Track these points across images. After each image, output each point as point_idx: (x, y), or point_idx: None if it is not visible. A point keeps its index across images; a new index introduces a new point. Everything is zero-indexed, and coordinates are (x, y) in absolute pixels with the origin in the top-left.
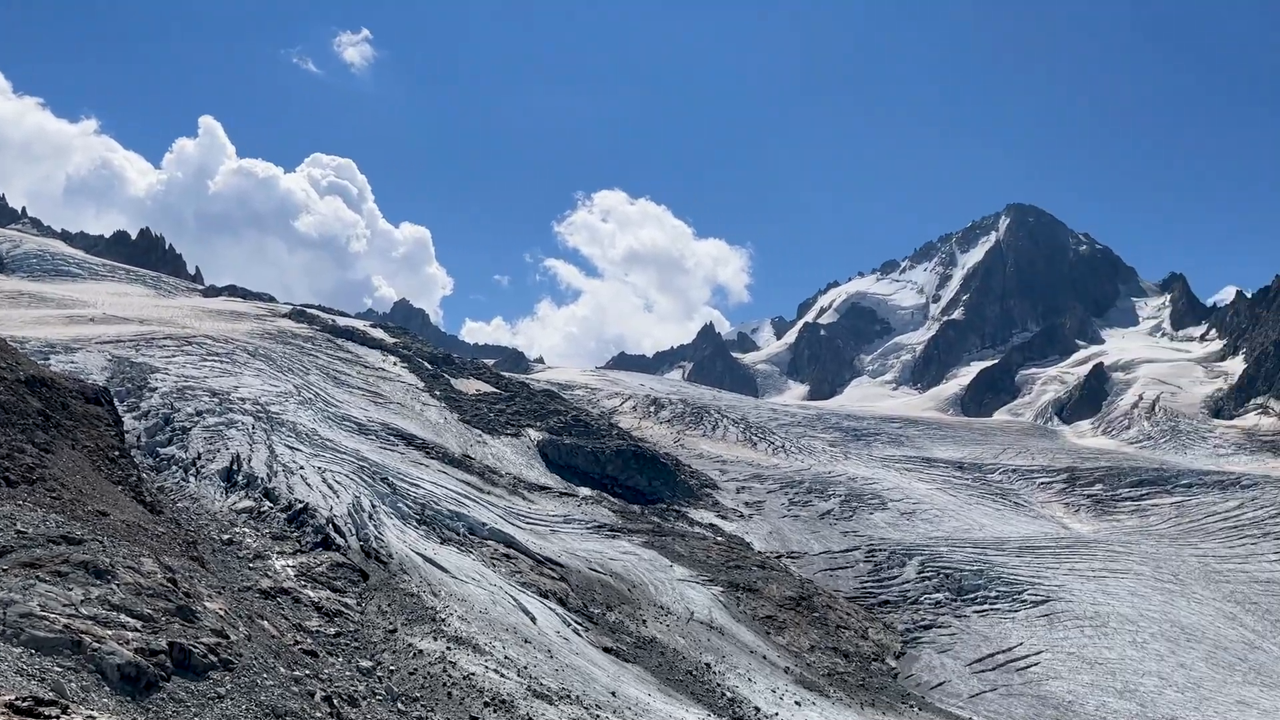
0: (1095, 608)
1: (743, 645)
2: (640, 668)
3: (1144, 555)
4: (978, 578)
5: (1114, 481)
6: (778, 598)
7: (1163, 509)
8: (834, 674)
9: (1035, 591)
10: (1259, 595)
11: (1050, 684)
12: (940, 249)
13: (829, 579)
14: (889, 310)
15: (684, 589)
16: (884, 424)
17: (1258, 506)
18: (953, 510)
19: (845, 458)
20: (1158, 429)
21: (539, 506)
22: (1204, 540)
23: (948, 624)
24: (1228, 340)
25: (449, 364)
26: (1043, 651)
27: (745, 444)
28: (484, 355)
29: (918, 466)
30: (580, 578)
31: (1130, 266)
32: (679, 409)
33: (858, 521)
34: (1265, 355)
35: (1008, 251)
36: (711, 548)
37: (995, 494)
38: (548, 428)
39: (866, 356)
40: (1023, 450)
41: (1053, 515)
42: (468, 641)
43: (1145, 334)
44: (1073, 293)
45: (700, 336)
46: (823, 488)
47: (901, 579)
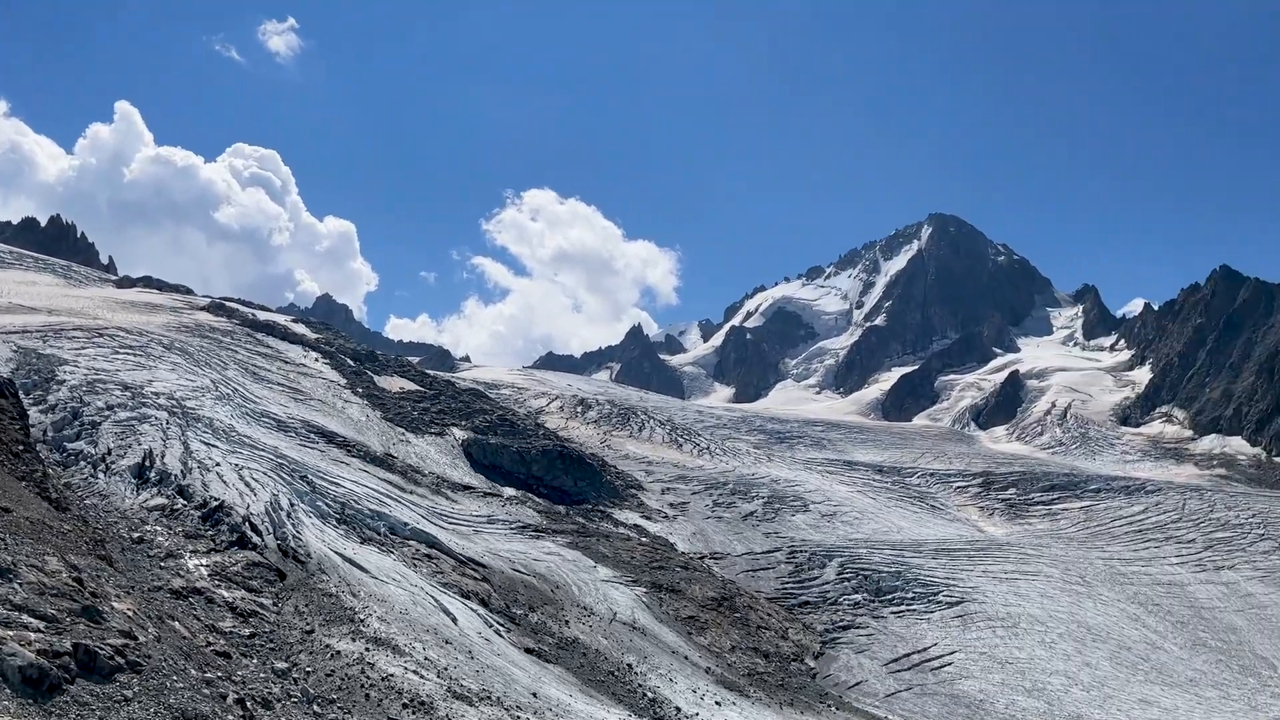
0: (1007, 609)
1: (665, 646)
2: (562, 668)
3: (1054, 558)
4: (895, 579)
5: (1027, 486)
6: (700, 598)
7: (1072, 513)
8: (754, 674)
9: (950, 593)
10: (1161, 597)
11: (963, 683)
12: (864, 256)
13: (751, 580)
14: (814, 315)
15: (608, 590)
16: (807, 427)
17: (1161, 511)
18: (872, 513)
19: (769, 460)
20: (1069, 435)
21: (462, 506)
22: (1110, 544)
23: (866, 624)
24: (1135, 351)
25: (372, 361)
26: (956, 651)
27: (671, 445)
28: (409, 353)
29: (839, 469)
30: (503, 578)
31: (1046, 277)
32: (606, 410)
33: (780, 523)
34: (1170, 366)
35: (929, 260)
36: (636, 548)
37: (913, 497)
38: (473, 427)
39: (791, 360)
40: (941, 454)
41: (968, 519)
42: (387, 642)
43: (1059, 343)
44: (991, 302)
45: (628, 338)
46: (746, 489)
47: (822, 580)
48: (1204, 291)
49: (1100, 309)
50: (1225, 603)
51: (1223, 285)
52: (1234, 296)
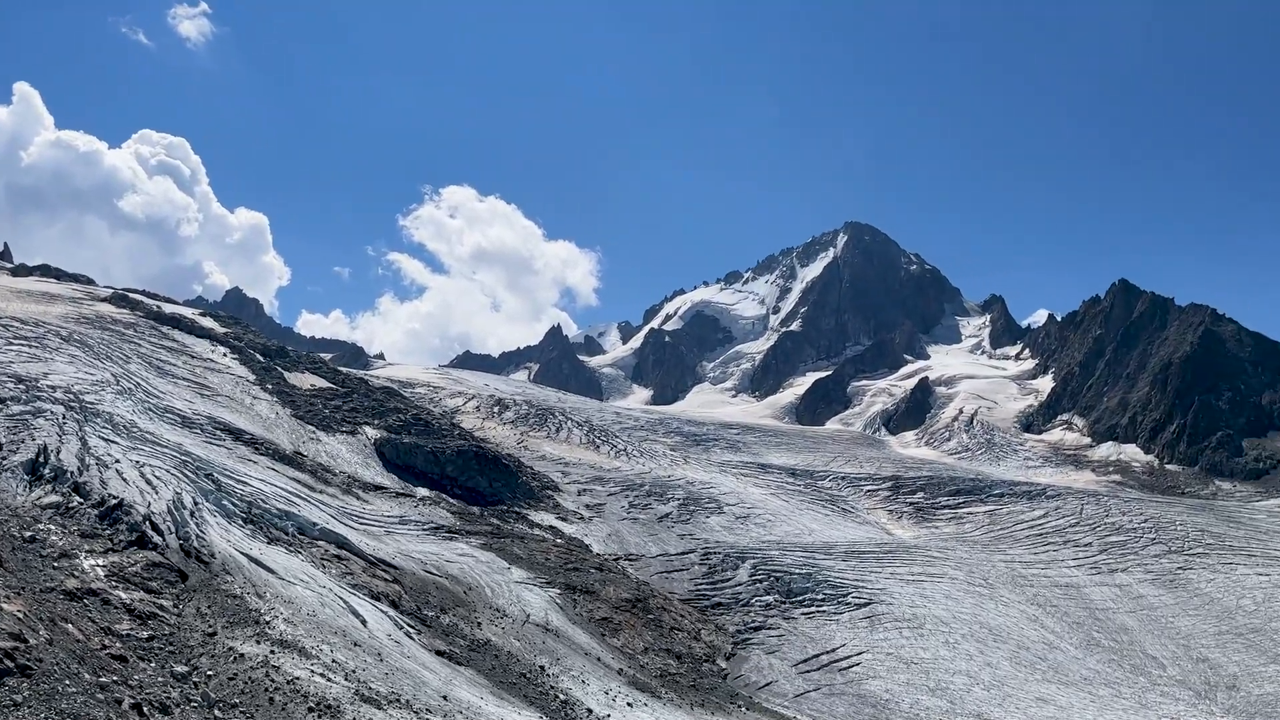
0: (913, 610)
1: (578, 647)
2: (473, 671)
3: (959, 560)
4: (806, 581)
5: (934, 490)
6: (614, 600)
7: (977, 517)
8: (666, 675)
9: (859, 594)
10: (1059, 599)
11: (869, 683)
12: (782, 262)
13: (665, 581)
14: (731, 319)
15: (521, 591)
16: (723, 430)
17: (1060, 515)
18: (785, 515)
19: (685, 462)
20: (975, 441)
21: (374, 507)
22: (1012, 547)
23: (776, 626)
24: (1039, 360)
25: (283, 357)
26: (864, 652)
27: (588, 447)
28: (321, 349)
29: (753, 472)
30: (415, 579)
31: (955, 287)
32: (523, 410)
33: (694, 525)
34: (1071, 375)
35: (844, 268)
36: (550, 550)
37: (825, 500)
38: (386, 426)
39: (709, 364)
40: (852, 458)
41: (877, 521)
42: (293, 645)
43: (967, 351)
44: (903, 310)
45: (547, 338)
46: (662, 491)
47: (734, 582)
48: (1103, 304)
49: (1007, 319)
50: (1118, 604)
51: (1121, 298)
52: (1131, 309)
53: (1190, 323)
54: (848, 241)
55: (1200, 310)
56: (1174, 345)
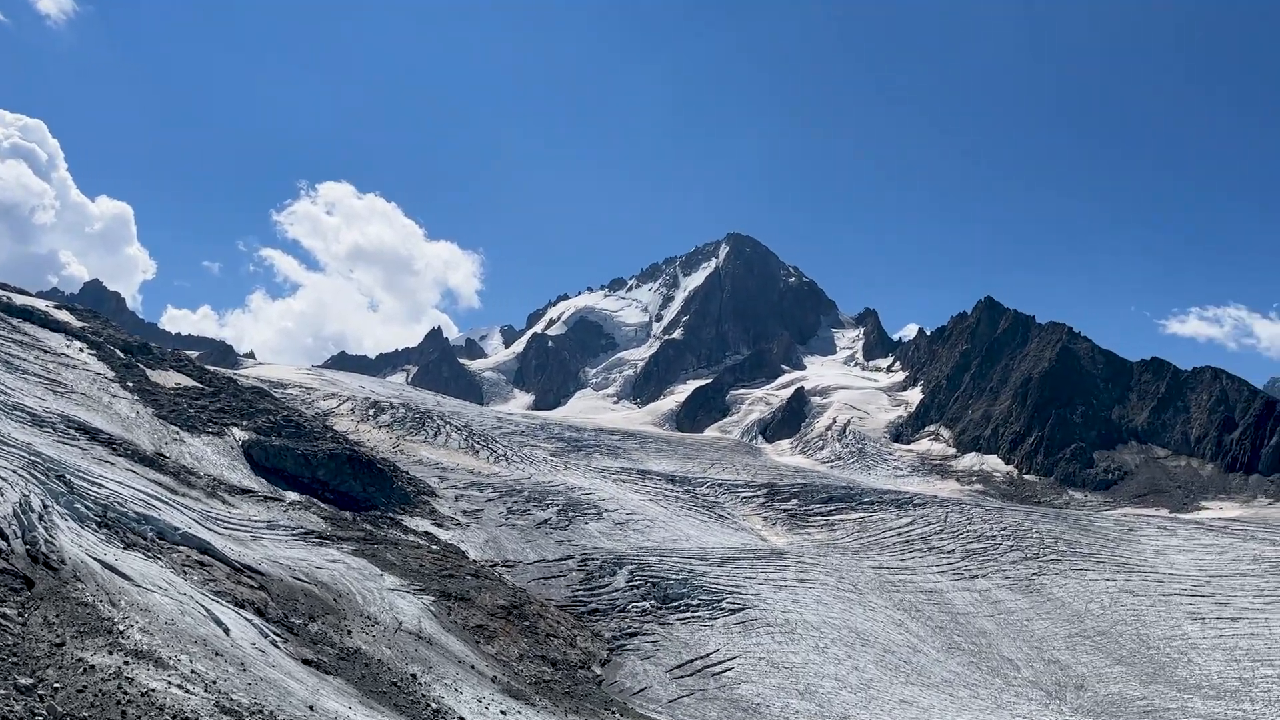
0: (785, 615)
1: (451, 655)
2: (342, 680)
3: (830, 566)
4: (682, 587)
5: (808, 497)
6: (489, 607)
7: (848, 524)
8: (541, 682)
9: (733, 600)
10: (923, 604)
11: (742, 688)
12: (665, 271)
13: (542, 587)
14: (614, 326)
15: (394, 598)
16: (604, 436)
17: (926, 523)
18: (663, 521)
19: (565, 468)
20: (847, 450)
21: (240, 511)
22: (880, 553)
23: (652, 631)
24: (909, 373)
25: (145, 353)
26: (737, 657)
27: (467, 451)
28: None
29: (633, 478)
30: (282, 586)
31: (831, 300)
32: (400, 413)
33: (573, 531)
34: (939, 388)
35: (726, 278)
36: (425, 556)
37: (702, 506)
38: (255, 427)
39: (591, 369)
40: (729, 466)
41: (753, 528)
42: (149, 655)
43: (841, 363)
44: (781, 321)
45: (427, 340)
46: (541, 497)
47: (611, 587)
48: (970, 320)
49: (879, 332)
50: (978, 608)
51: (986, 315)
52: (995, 325)
53: (1049, 340)
54: (729, 252)
55: (1058, 328)
56: (1034, 361)
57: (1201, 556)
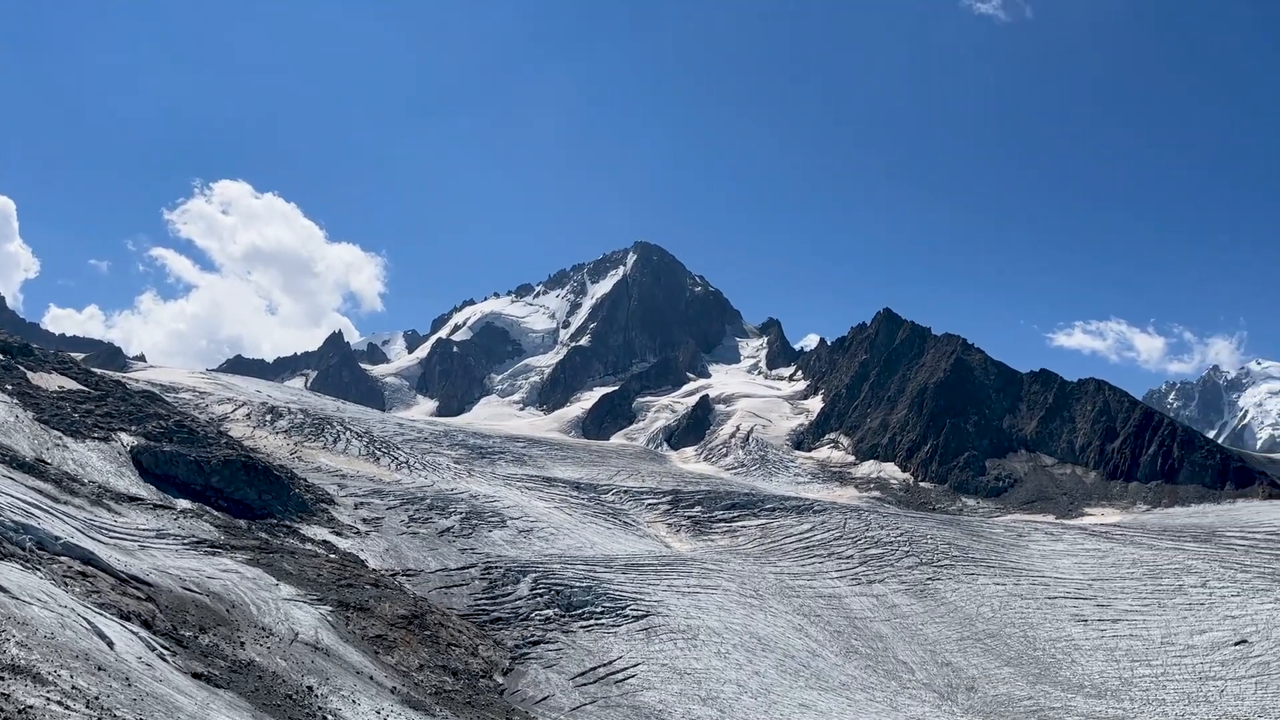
0: (688, 621)
1: (349, 666)
2: (234, 693)
3: (732, 572)
4: (586, 594)
5: (711, 504)
6: (389, 616)
7: (750, 530)
8: (441, 692)
9: (637, 607)
10: (822, 609)
11: (644, 694)
12: (573, 278)
13: (444, 597)
14: (521, 332)
15: (290, 609)
16: (509, 443)
17: (826, 529)
18: (568, 529)
19: (469, 475)
20: (750, 457)
21: (127, 519)
22: (781, 559)
23: (555, 639)
24: (810, 381)
25: (26, 355)
26: (640, 664)
27: (368, 458)
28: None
29: (538, 485)
30: (171, 598)
31: (736, 309)
32: (298, 419)
33: (477, 539)
34: (839, 396)
35: (633, 286)
36: (323, 565)
37: (608, 513)
38: (145, 433)
39: (497, 376)
40: (635, 473)
41: (657, 535)
42: (27, 670)
43: (745, 371)
44: (687, 329)
45: (327, 344)
46: (444, 505)
47: (515, 596)
48: (869, 331)
49: (782, 341)
50: (875, 613)
51: (885, 326)
52: (894, 336)
53: (944, 351)
54: (637, 260)
55: (953, 340)
56: (929, 372)
57: (1085, 561)
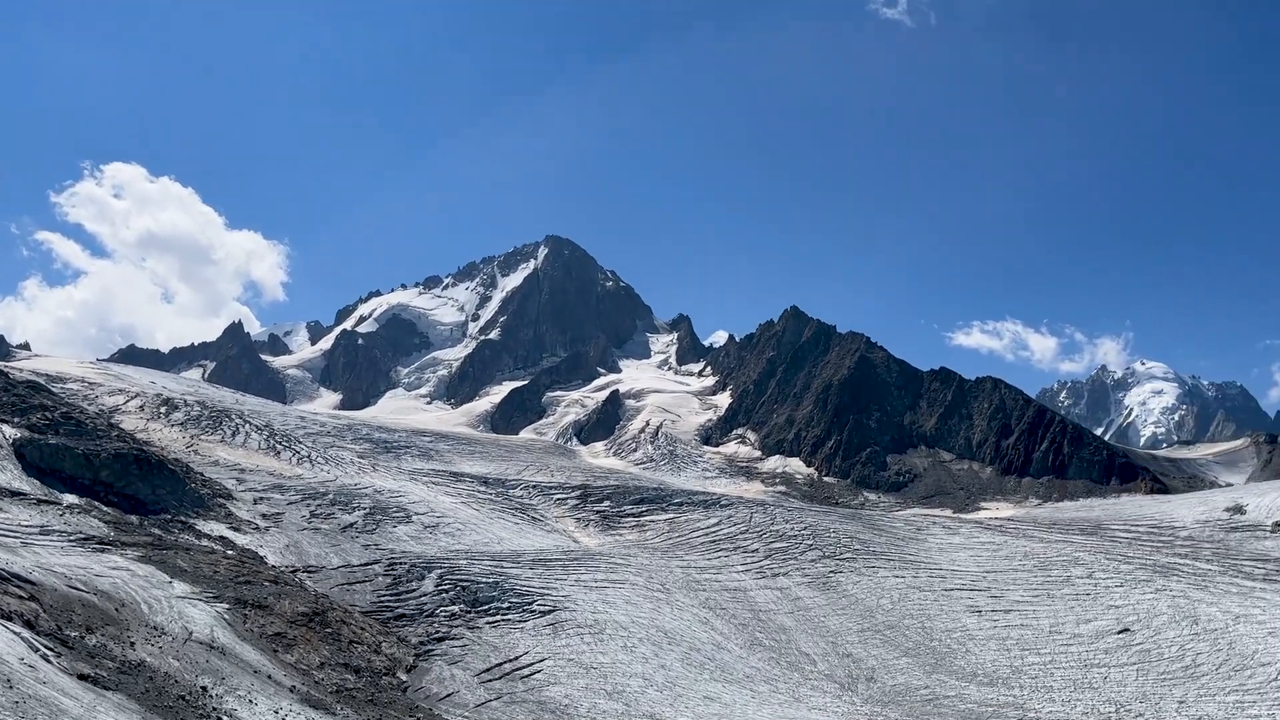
0: (595, 616)
1: (246, 665)
2: (123, 695)
3: (639, 567)
4: (493, 590)
5: (620, 499)
6: (289, 614)
7: (658, 524)
8: (342, 690)
9: (544, 602)
10: (727, 602)
11: (550, 689)
12: (483, 270)
13: (346, 593)
14: (429, 325)
15: (184, 607)
16: (415, 437)
17: (732, 523)
18: (475, 524)
19: (373, 469)
20: (659, 452)
21: (9, 515)
22: (688, 553)
23: (461, 635)
24: (719, 377)
25: None
26: (546, 659)
27: (268, 452)
28: None
29: (445, 480)
30: (56, 596)
31: (647, 305)
32: (195, 411)
33: (381, 535)
34: (746, 392)
35: (544, 280)
36: (220, 562)
37: (516, 508)
38: (28, 425)
39: (403, 369)
40: (544, 467)
41: (565, 530)
42: None
43: (655, 366)
44: (598, 324)
45: (226, 334)
46: (347, 500)
47: (420, 592)
48: (777, 328)
49: (692, 337)
50: (778, 605)
51: (792, 323)
52: (800, 334)
53: (848, 349)
54: (548, 254)
55: (857, 338)
56: (834, 369)
57: (980, 553)
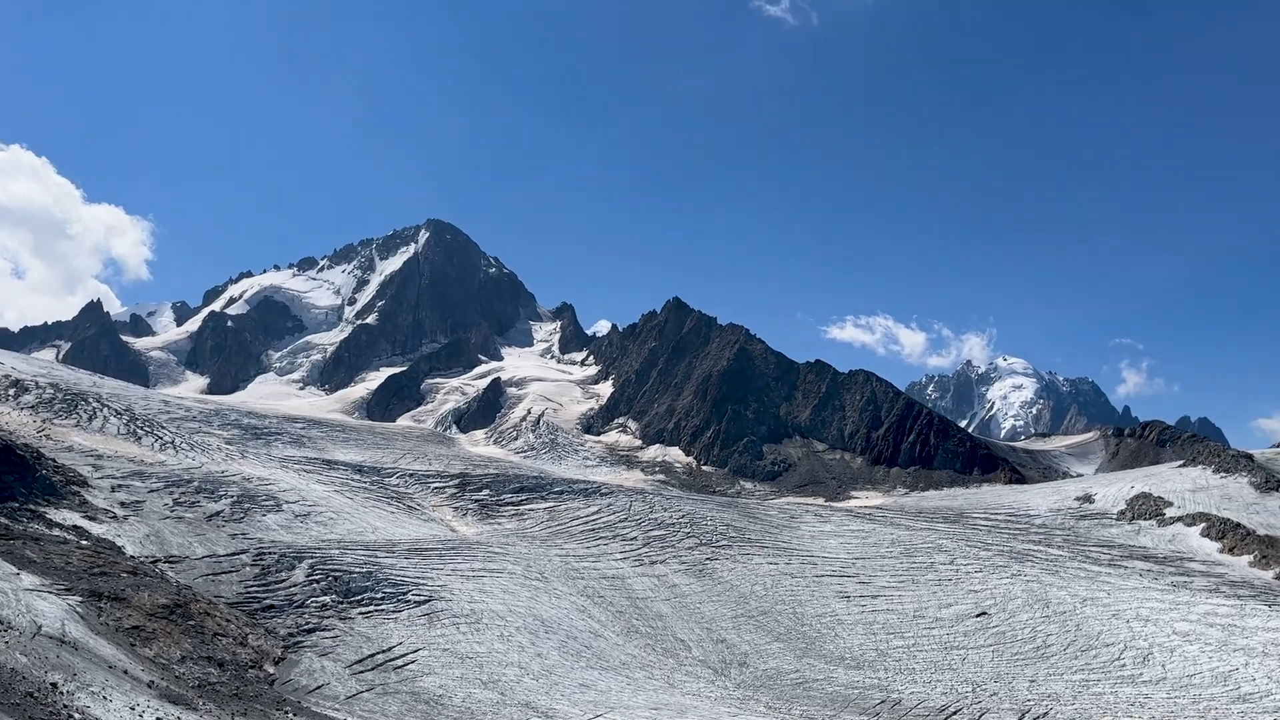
0: (472, 605)
1: (101, 660)
2: None
3: (518, 555)
4: (366, 580)
5: (499, 487)
6: (148, 606)
7: (538, 513)
8: (205, 685)
9: (419, 592)
10: (605, 590)
11: (424, 680)
12: (361, 252)
13: (211, 584)
14: (303, 308)
15: (32, 600)
16: (287, 423)
17: (611, 511)
18: (348, 513)
19: (242, 456)
20: (540, 441)
21: None
22: (567, 541)
23: (332, 627)
24: (601, 367)
25: None
26: (420, 649)
27: (128, 438)
28: None
29: (318, 468)
30: None
31: (530, 293)
32: (47, 394)
33: (249, 524)
34: (628, 382)
35: (425, 264)
36: (73, 552)
37: (391, 497)
38: None
39: (275, 353)
40: (421, 455)
41: (443, 519)
42: None
43: (538, 355)
44: (480, 310)
45: (84, 313)
46: (214, 488)
47: (289, 583)
48: (659, 318)
49: (575, 326)
50: (655, 593)
51: (674, 314)
52: (682, 325)
53: (728, 340)
54: (430, 238)
55: (737, 330)
56: (714, 360)
57: (850, 541)
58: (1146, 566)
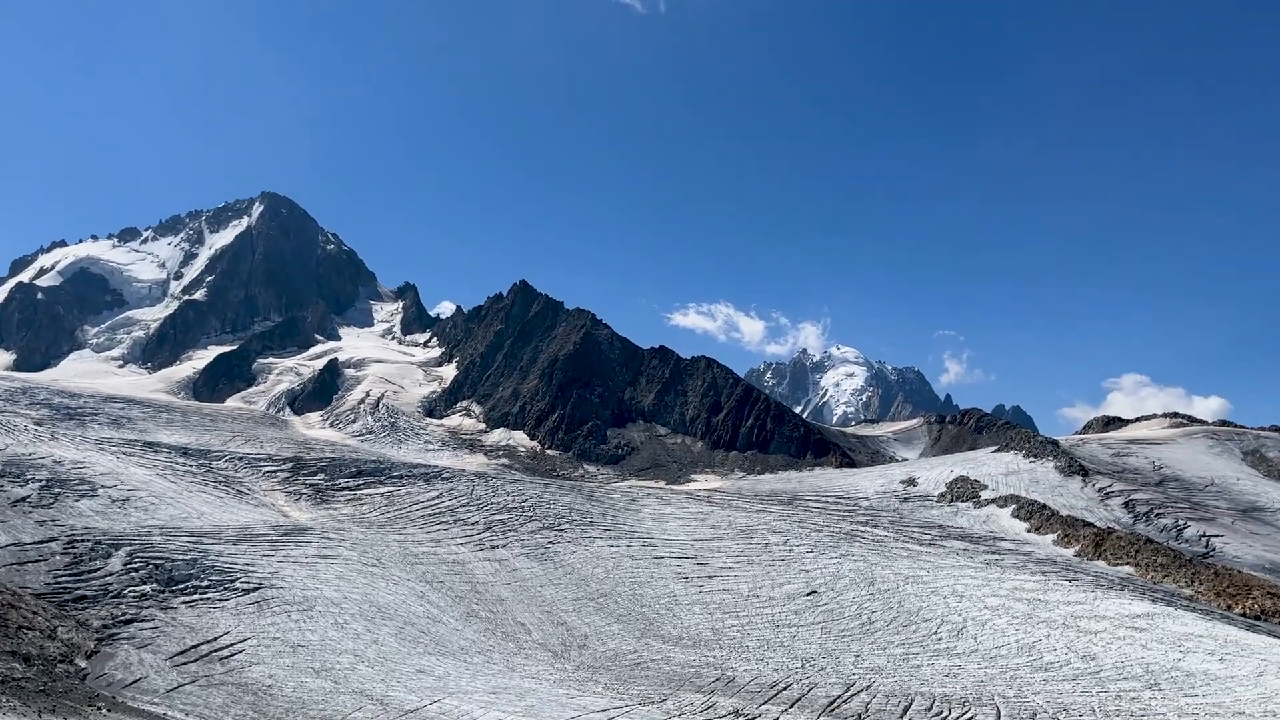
0: (304, 592)
1: None
2: None
3: (354, 541)
4: (191, 567)
5: (335, 471)
6: None
7: (376, 498)
8: (9, 681)
9: (248, 579)
10: (445, 575)
11: (252, 670)
12: (189, 224)
13: (16, 574)
14: (124, 281)
15: None
16: (104, 403)
17: (453, 496)
18: (172, 498)
19: (53, 438)
20: (380, 424)
21: None
22: (407, 526)
23: (152, 617)
24: (445, 349)
25: None
26: (249, 639)
27: None
28: None
29: (138, 451)
30: None
31: (371, 271)
32: None
33: (59, 509)
34: (473, 365)
35: (258, 238)
36: None
37: (219, 481)
38: None
39: (92, 329)
40: (253, 438)
41: (275, 503)
42: None
43: (378, 335)
44: (317, 288)
45: None
46: (20, 471)
47: (105, 571)
48: (505, 301)
49: (418, 307)
50: (497, 577)
51: (521, 297)
52: (529, 308)
53: (575, 325)
54: (264, 212)
55: (583, 314)
56: (560, 344)
57: (689, 523)
58: (963, 545)
